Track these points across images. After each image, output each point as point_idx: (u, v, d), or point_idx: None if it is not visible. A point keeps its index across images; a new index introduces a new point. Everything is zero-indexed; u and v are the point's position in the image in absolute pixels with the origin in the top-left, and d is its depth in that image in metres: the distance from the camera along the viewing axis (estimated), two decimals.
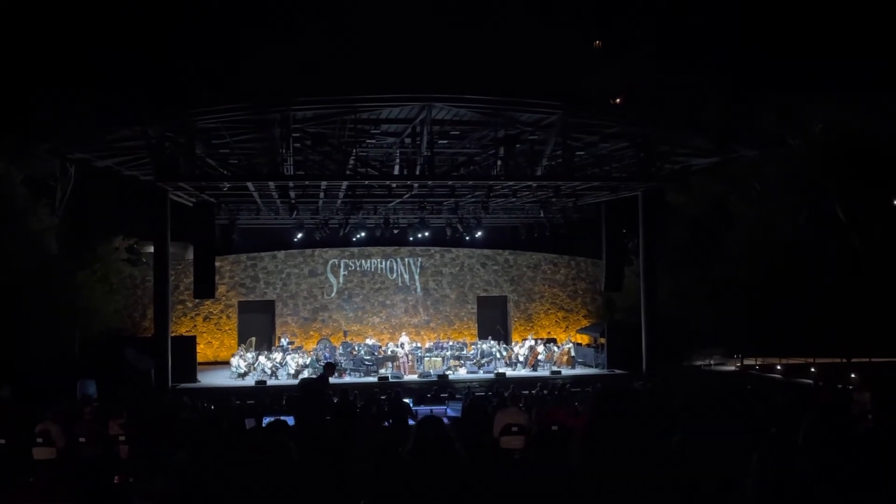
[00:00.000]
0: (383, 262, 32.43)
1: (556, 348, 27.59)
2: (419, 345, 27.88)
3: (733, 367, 26.61)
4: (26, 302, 22.65)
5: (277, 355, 25.88)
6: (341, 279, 32.14)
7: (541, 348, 27.07)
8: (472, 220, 27.45)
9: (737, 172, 26.04)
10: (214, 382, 24.33)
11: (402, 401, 14.73)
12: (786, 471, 3.52)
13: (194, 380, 24.01)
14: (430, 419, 4.02)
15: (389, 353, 26.25)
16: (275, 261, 31.75)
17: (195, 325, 30.61)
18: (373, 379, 24.14)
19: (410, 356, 25.88)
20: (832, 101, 24.87)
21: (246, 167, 21.40)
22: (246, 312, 31.51)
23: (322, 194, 23.24)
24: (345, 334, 30.11)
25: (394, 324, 32.21)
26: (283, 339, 28.68)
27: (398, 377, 24.43)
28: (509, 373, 25.03)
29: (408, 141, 20.91)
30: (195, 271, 21.51)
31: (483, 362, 25.95)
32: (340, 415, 12.98)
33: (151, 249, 24.01)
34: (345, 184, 21.24)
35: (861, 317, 24.14)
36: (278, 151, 19.35)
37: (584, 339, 30.88)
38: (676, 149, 21.49)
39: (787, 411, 10.89)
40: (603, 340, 27.00)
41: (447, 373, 24.85)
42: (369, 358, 25.69)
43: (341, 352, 26.34)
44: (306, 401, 13.20)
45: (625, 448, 2.93)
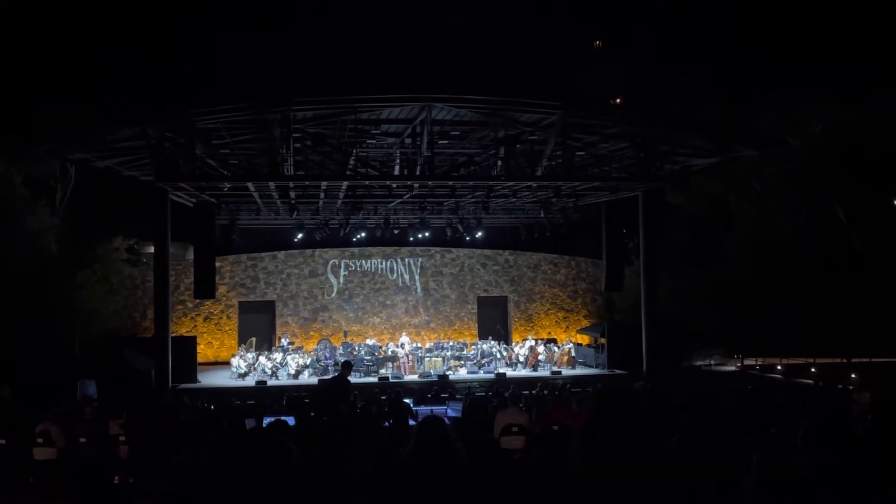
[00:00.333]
0: (383, 263, 32.43)
1: (556, 348, 27.59)
2: (419, 345, 27.87)
3: (733, 368, 26.61)
4: (26, 302, 22.65)
5: (278, 355, 25.88)
6: (342, 279, 32.14)
7: (541, 348, 27.06)
8: (473, 220, 27.46)
9: (737, 172, 26.03)
10: (215, 383, 24.33)
11: (403, 401, 14.73)
12: (785, 471, 3.53)
13: (195, 380, 24.02)
14: (431, 419, 4.02)
15: (390, 353, 26.24)
16: (275, 261, 31.75)
17: (195, 326, 30.61)
18: (373, 379, 24.13)
19: (411, 356, 25.87)
20: (832, 101, 24.87)
21: (246, 167, 21.40)
22: (246, 313, 31.51)
23: (322, 194, 23.23)
24: (345, 334, 30.11)
25: (394, 324, 32.21)
26: (283, 340, 28.68)
27: (398, 377, 24.43)
28: (510, 373, 25.02)
29: (408, 141, 20.92)
30: (195, 271, 21.50)
31: (483, 362, 25.95)
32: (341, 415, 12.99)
33: (152, 250, 24.03)
34: (345, 184, 21.24)
35: (861, 317, 24.13)
36: (278, 152, 19.35)
37: (585, 339, 30.88)
38: (676, 149, 21.49)
39: (787, 411, 10.88)
40: (603, 341, 27.00)
41: (447, 373, 24.85)
42: (369, 358, 25.69)
43: (342, 352, 26.33)
44: (328, 400, 13.14)
45: (625, 448, 2.93)
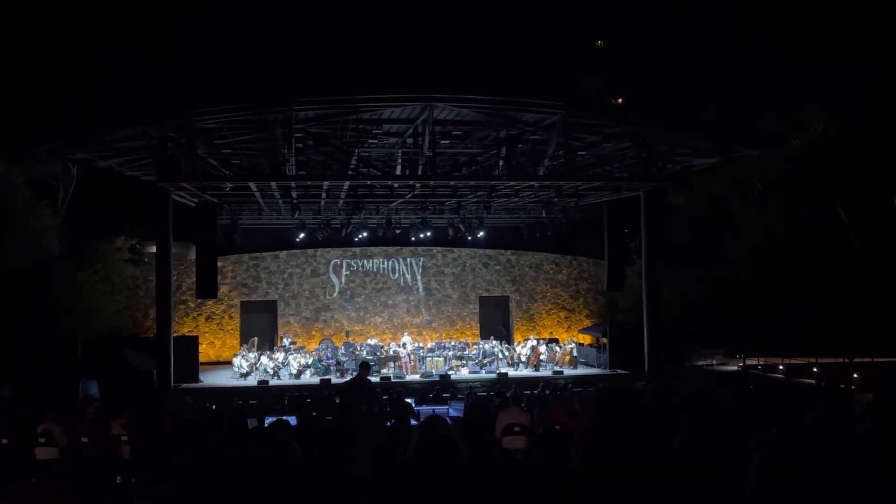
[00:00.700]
0: (385, 262, 32.43)
1: (558, 348, 27.58)
2: (421, 345, 27.86)
3: (735, 368, 26.59)
4: (28, 302, 22.66)
5: (280, 355, 25.89)
6: (343, 279, 32.14)
7: (543, 348, 27.05)
8: (474, 220, 27.46)
9: (737, 173, 26.03)
10: (217, 382, 24.33)
11: (405, 401, 14.74)
12: (787, 471, 3.53)
13: (196, 380, 24.00)
14: (433, 419, 4.02)
15: (391, 353, 26.24)
16: (277, 261, 31.76)
17: (197, 326, 30.62)
18: (375, 379, 24.11)
19: (412, 356, 25.87)
20: (833, 100, 24.87)
21: (248, 167, 21.40)
22: (248, 312, 31.52)
23: (324, 194, 23.24)
24: (347, 334, 30.11)
25: (396, 324, 32.21)
26: (285, 339, 28.69)
27: (400, 377, 24.43)
28: (511, 373, 25.00)
29: (410, 141, 20.93)
30: (197, 271, 21.50)
31: (485, 362, 25.94)
32: (343, 415, 12.98)
33: (154, 250, 24.03)
34: (347, 184, 21.24)
35: (863, 317, 24.12)
36: (280, 151, 19.36)
37: (587, 339, 30.87)
38: (678, 149, 21.48)
39: (789, 412, 10.88)
40: (605, 340, 26.97)
41: (449, 373, 24.84)
42: (371, 358, 25.68)
43: (343, 352, 26.33)
44: (348, 401, 13.12)
45: (627, 448, 2.93)
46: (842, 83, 25.14)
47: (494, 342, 27.56)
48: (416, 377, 24.62)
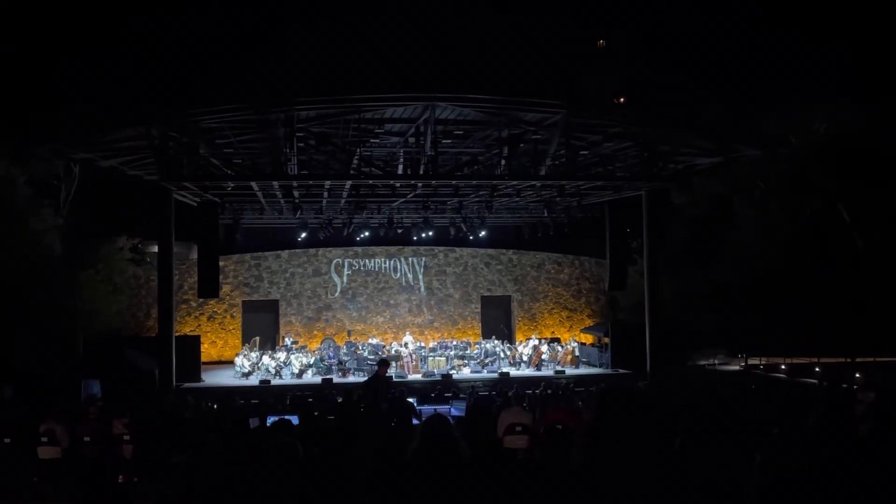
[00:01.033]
0: (387, 262, 32.44)
1: (559, 348, 27.59)
2: (423, 344, 27.90)
3: (737, 367, 26.59)
4: (30, 302, 22.67)
5: (281, 355, 25.92)
6: (345, 279, 32.15)
7: (545, 348, 27.06)
8: (476, 219, 27.47)
9: (739, 172, 26.00)
10: (218, 382, 24.36)
11: (407, 400, 14.75)
12: (789, 471, 3.53)
13: (198, 379, 24.04)
14: (435, 418, 4.03)
15: (393, 352, 26.25)
16: (279, 260, 31.77)
17: (199, 325, 30.64)
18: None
19: (414, 356, 25.88)
20: (835, 100, 24.83)
21: (250, 167, 21.42)
22: (250, 312, 31.54)
23: (326, 194, 23.26)
24: (349, 334, 30.14)
25: (398, 323, 32.22)
26: (287, 339, 28.72)
27: (402, 377, 24.41)
28: (513, 372, 25.02)
29: (411, 140, 20.93)
30: (199, 271, 21.52)
31: (487, 362, 25.95)
32: (345, 414, 12.98)
33: (155, 249, 24.02)
34: (348, 183, 21.24)
35: (865, 316, 24.09)
36: (282, 151, 19.37)
37: (588, 338, 30.86)
38: (680, 148, 21.48)
39: (791, 411, 10.87)
40: (607, 340, 26.98)
41: (451, 372, 24.85)
42: (373, 357, 25.68)
43: (345, 351, 26.35)
44: (369, 399, 13.10)
45: (628, 448, 2.93)
46: (845, 83, 25.10)
47: (496, 342, 27.59)
48: (418, 377, 24.63)
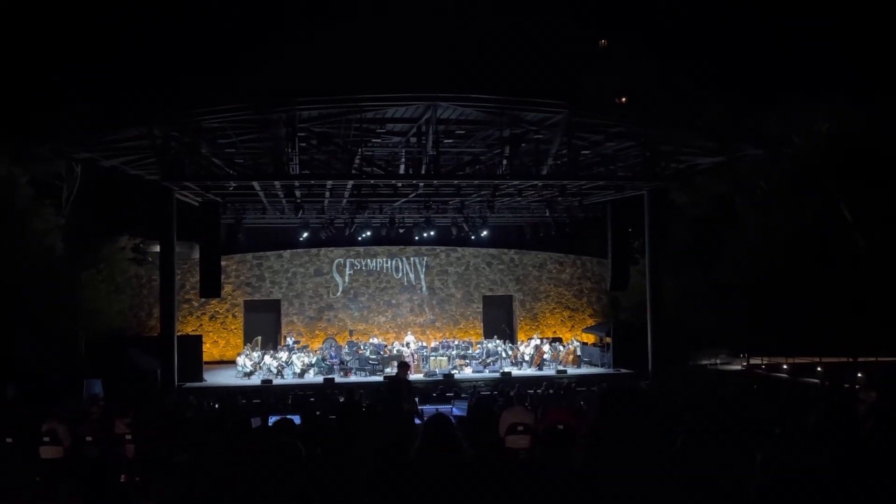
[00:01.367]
0: (389, 262, 32.44)
1: (561, 347, 27.58)
2: (425, 344, 27.90)
3: (739, 367, 26.57)
4: (32, 302, 22.69)
5: (283, 354, 25.94)
6: (347, 278, 32.16)
7: (546, 347, 27.06)
8: (478, 219, 27.45)
9: (740, 172, 26.00)
10: (220, 382, 24.38)
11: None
12: (790, 471, 3.52)
13: (200, 379, 24.06)
14: (437, 418, 4.02)
15: (395, 352, 26.26)
16: (280, 260, 31.78)
17: (201, 325, 30.66)
18: (378, 378, 24.13)
19: (416, 355, 25.88)
20: (835, 100, 24.81)
21: (251, 166, 21.42)
22: (252, 312, 31.56)
23: (328, 193, 23.26)
24: (350, 333, 30.15)
25: (399, 323, 32.22)
26: (288, 339, 28.72)
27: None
28: (515, 372, 25.02)
29: (413, 140, 20.93)
30: (201, 271, 21.52)
31: (489, 361, 25.94)
32: (346, 414, 12.97)
33: (157, 249, 24.05)
34: (350, 183, 21.24)
35: (867, 316, 24.08)
36: (284, 151, 19.38)
37: (590, 338, 30.85)
38: (681, 148, 21.46)
39: (793, 411, 10.86)
40: (608, 340, 26.97)
41: (453, 372, 24.85)
42: (375, 357, 25.71)
43: (347, 351, 26.36)
44: (390, 402, 13.06)
45: (630, 447, 2.93)
46: (847, 82, 25.05)
47: (498, 341, 27.59)
48: (420, 376, 24.61)
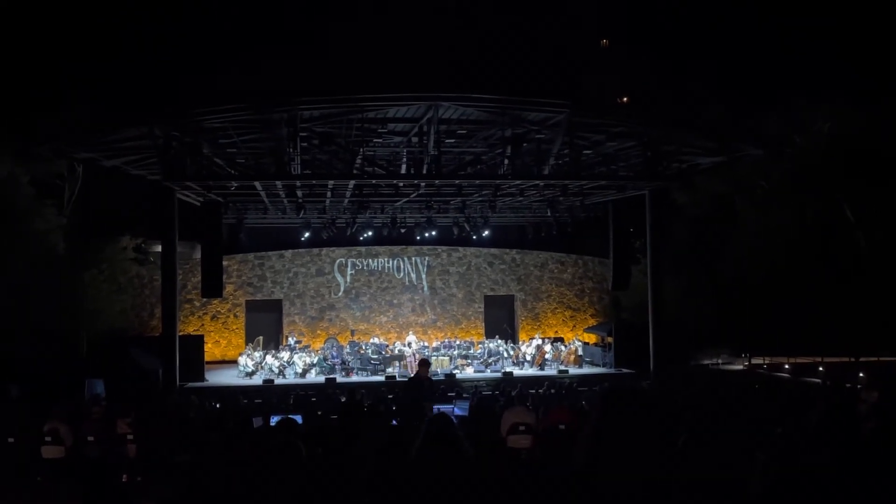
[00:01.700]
0: (390, 262, 32.44)
1: (563, 347, 27.58)
2: (426, 344, 27.90)
3: (741, 367, 26.55)
4: (33, 302, 22.71)
5: (285, 354, 25.95)
6: (348, 278, 32.16)
7: (548, 347, 27.06)
8: (479, 219, 27.44)
9: (741, 172, 25.99)
10: (222, 382, 24.39)
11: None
12: (792, 470, 3.52)
13: (202, 379, 24.06)
14: (438, 418, 4.02)
15: (396, 352, 26.28)
16: (282, 260, 31.79)
17: (203, 325, 30.67)
18: (380, 378, 24.16)
19: (417, 355, 25.80)
20: (835, 100, 24.80)
21: (253, 166, 21.43)
22: (253, 311, 31.57)
23: (329, 193, 23.27)
24: (352, 333, 30.16)
25: (401, 323, 32.22)
26: (290, 338, 28.72)
27: (405, 376, 24.38)
28: (516, 372, 25.02)
29: (415, 140, 20.93)
30: (203, 270, 21.52)
31: (490, 361, 25.95)
32: (348, 414, 12.96)
33: (159, 249, 24.06)
34: (352, 183, 21.25)
35: (869, 316, 24.06)
36: (285, 151, 19.38)
37: (592, 338, 30.84)
38: (683, 148, 21.46)
39: (794, 411, 10.86)
40: (610, 339, 26.96)
41: (454, 372, 24.85)
42: (376, 357, 25.72)
43: (349, 351, 26.36)
44: (413, 401, 13.04)
45: (632, 447, 2.93)
46: (848, 82, 25.04)
47: (499, 341, 27.58)
48: None
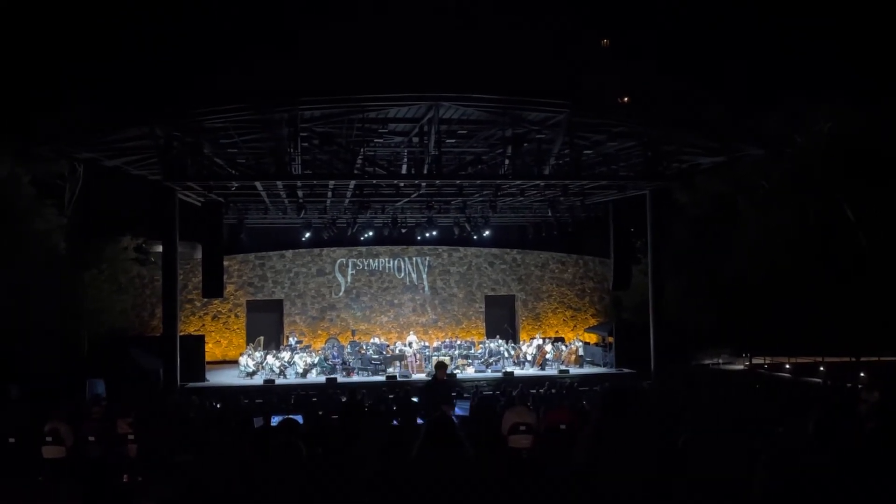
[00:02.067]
0: (391, 262, 32.44)
1: (563, 347, 27.58)
2: (427, 344, 27.90)
3: (742, 367, 26.56)
4: (34, 302, 22.71)
5: (286, 354, 25.94)
6: (349, 278, 32.16)
7: (549, 347, 27.05)
8: (480, 219, 27.43)
9: (742, 172, 25.98)
10: (223, 382, 24.39)
11: (411, 399, 14.73)
12: (793, 470, 3.52)
13: (203, 379, 24.06)
14: (440, 418, 4.02)
15: (397, 352, 26.27)
16: (283, 260, 31.79)
17: (203, 325, 30.67)
18: (381, 378, 24.15)
19: (418, 355, 25.88)
20: (835, 100, 24.80)
21: (254, 166, 21.41)
22: (254, 311, 31.57)
23: (330, 193, 23.26)
24: (353, 333, 30.15)
25: (402, 323, 32.22)
26: (291, 338, 28.72)
27: (406, 376, 24.42)
28: (517, 372, 25.01)
29: (415, 140, 20.92)
30: (203, 270, 21.50)
31: (491, 361, 25.94)
32: (348, 414, 12.97)
33: (160, 249, 24.06)
34: (352, 183, 21.24)
35: (869, 316, 24.05)
36: (286, 151, 19.37)
37: (592, 337, 30.85)
38: (683, 148, 21.44)
39: (795, 410, 10.86)
40: (611, 339, 26.96)
41: (455, 372, 24.83)
42: (377, 357, 25.71)
43: (349, 351, 26.36)
44: (431, 402, 13.02)
45: (632, 447, 2.93)
46: (849, 82, 25.06)
47: (500, 341, 27.58)
48: (422, 376, 24.59)
